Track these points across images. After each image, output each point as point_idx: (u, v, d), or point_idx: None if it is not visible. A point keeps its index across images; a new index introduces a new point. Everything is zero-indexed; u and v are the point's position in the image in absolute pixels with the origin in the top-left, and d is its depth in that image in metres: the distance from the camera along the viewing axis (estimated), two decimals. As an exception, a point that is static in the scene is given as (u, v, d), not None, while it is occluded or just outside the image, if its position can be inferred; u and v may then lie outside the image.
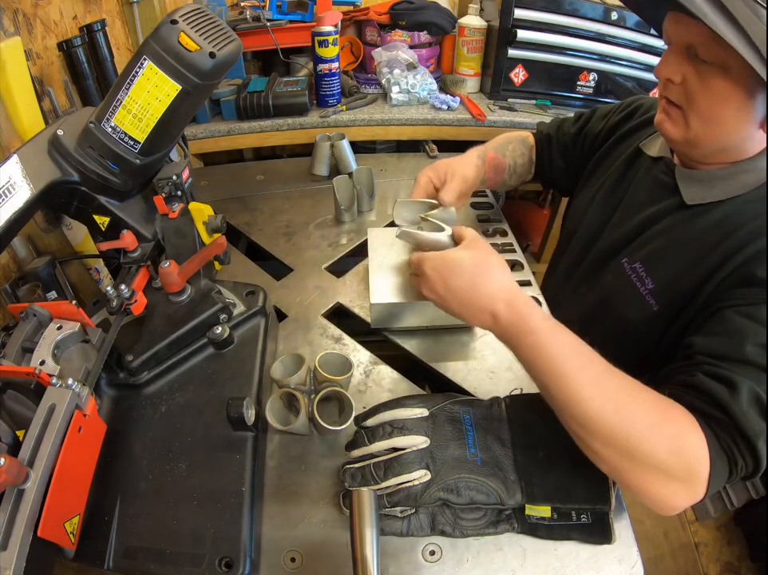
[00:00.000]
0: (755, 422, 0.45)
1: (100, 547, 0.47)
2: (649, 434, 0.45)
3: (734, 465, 0.46)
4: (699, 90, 0.54)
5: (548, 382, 0.48)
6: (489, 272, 0.53)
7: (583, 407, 0.45)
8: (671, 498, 0.45)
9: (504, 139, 0.91)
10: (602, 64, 1.30)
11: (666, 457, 0.44)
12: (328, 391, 0.55)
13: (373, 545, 0.43)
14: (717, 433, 0.46)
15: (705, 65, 0.52)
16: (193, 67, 0.51)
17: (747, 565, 1.32)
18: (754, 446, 0.45)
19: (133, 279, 0.59)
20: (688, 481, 0.45)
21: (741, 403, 0.46)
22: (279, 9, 1.26)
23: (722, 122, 0.54)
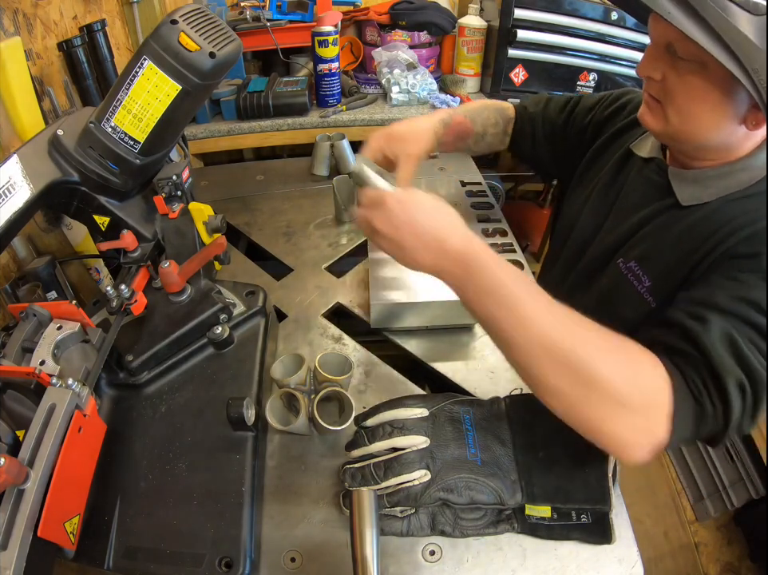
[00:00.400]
0: (725, 359, 0.45)
1: (100, 547, 0.47)
2: (603, 356, 0.44)
3: (700, 408, 0.45)
4: (677, 86, 0.55)
5: (497, 311, 0.46)
6: (447, 211, 0.53)
7: (535, 330, 0.44)
8: (629, 434, 0.44)
9: (481, 105, 0.91)
10: (602, 64, 1.30)
11: (621, 382, 0.43)
12: (328, 391, 0.55)
13: (373, 545, 0.43)
14: (683, 370, 0.46)
15: (683, 62, 0.53)
16: (193, 67, 0.51)
17: (747, 565, 1.32)
18: (723, 384, 0.44)
19: (133, 279, 0.59)
20: (646, 414, 0.44)
21: (712, 338, 0.46)
22: (279, 9, 1.26)
23: (699, 117, 0.55)
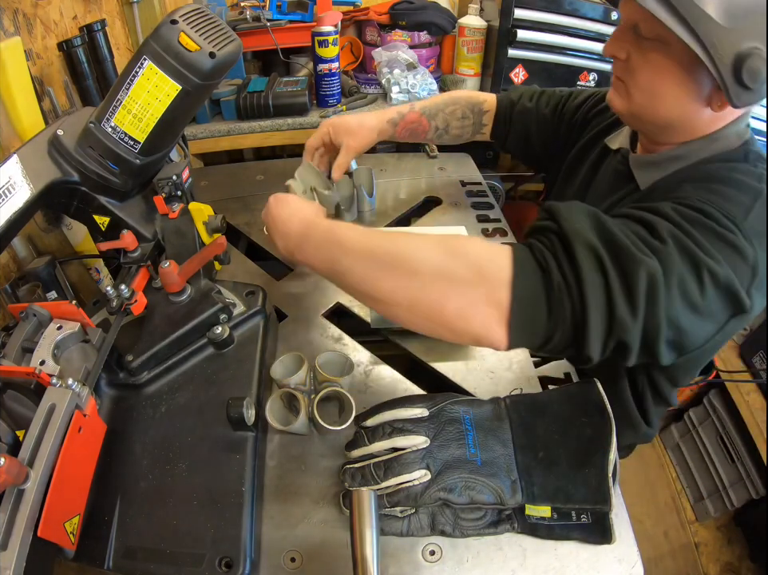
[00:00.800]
0: (575, 221, 0.44)
1: (100, 547, 0.47)
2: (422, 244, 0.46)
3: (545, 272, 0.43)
4: (640, 64, 0.56)
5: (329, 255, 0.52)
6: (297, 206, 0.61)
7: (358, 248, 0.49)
8: (471, 308, 0.44)
9: (448, 99, 0.93)
10: (602, 64, 1.30)
11: (444, 260, 0.44)
12: (328, 391, 0.55)
13: (373, 545, 0.43)
14: (531, 245, 0.46)
15: (647, 41, 0.54)
16: (193, 67, 0.51)
17: (747, 565, 1.32)
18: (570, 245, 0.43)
19: (133, 279, 0.59)
20: (482, 283, 0.43)
21: (569, 209, 0.46)
22: (279, 9, 1.26)
23: (662, 95, 0.56)
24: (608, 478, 0.48)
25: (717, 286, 0.45)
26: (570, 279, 0.43)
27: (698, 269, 0.44)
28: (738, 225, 0.47)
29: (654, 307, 0.43)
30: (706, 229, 0.46)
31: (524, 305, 0.43)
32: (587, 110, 0.83)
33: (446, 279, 0.44)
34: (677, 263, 0.44)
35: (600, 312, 0.43)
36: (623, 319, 0.43)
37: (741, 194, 0.50)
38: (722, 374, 1.28)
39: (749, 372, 1.25)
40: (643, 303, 0.42)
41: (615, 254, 0.43)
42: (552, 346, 0.46)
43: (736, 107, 0.51)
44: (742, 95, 0.49)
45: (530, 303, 0.43)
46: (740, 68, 0.47)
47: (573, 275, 0.43)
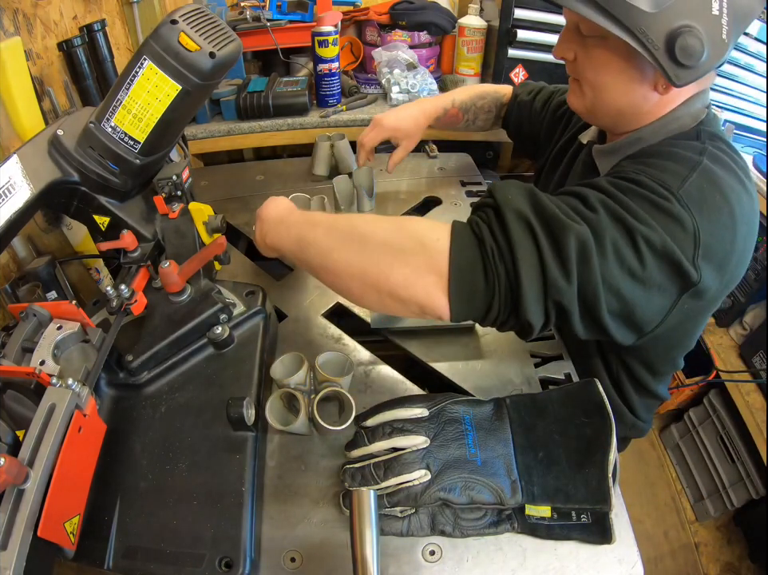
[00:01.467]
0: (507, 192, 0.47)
1: (100, 547, 0.47)
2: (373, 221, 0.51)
3: (480, 242, 0.46)
4: (585, 61, 0.58)
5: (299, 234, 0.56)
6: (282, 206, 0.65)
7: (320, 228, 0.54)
8: (414, 276, 0.47)
9: (480, 94, 0.98)
10: (602, 64, 1.30)
11: (387, 234, 0.49)
12: (328, 391, 0.55)
13: (373, 545, 0.43)
14: (469, 219, 0.49)
15: (588, 39, 0.57)
16: (193, 67, 0.51)
17: (747, 565, 1.32)
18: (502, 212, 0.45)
19: (133, 279, 0.59)
20: (423, 252, 0.47)
21: (506, 183, 0.49)
22: (279, 9, 1.26)
23: (608, 87, 0.58)
24: (608, 478, 0.48)
25: (654, 253, 0.45)
26: (502, 243, 0.45)
27: (632, 235, 0.45)
28: (674, 193, 0.48)
29: (587, 270, 0.44)
30: (640, 197, 0.47)
31: (461, 272, 0.45)
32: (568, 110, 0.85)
33: (391, 249, 0.48)
34: (608, 229, 0.45)
35: (533, 274, 0.45)
36: (556, 280, 0.44)
37: (677, 165, 0.51)
38: (722, 374, 1.28)
39: (749, 372, 1.25)
40: (575, 265, 0.44)
41: (545, 221, 0.45)
42: (494, 316, 0.48)
43: (678, 86, 0.51)
44: (681, 74, 0.50)
45: (467, 269, 0.45)
46: (673, 48, 0.48)
47: (504, 239, 0.45)
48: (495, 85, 1.02)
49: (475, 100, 0.98)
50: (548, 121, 0.90)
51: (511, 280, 0.45)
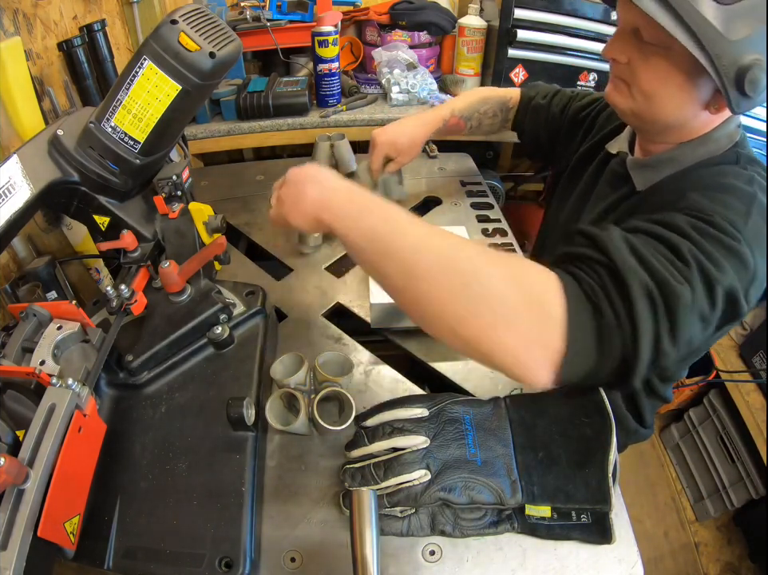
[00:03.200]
0: (627, 259, 0.43)
1: (100, 547, 0.47)
2: (482, 259, 0.43)
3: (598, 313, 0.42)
4: (642, 68, 0.57)
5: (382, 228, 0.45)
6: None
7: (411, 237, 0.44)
8: (522, 347, 0.41)
9: (482, 99, 0.96)
10: (602, 64, 1.30)
11: (503, 283, 0.41)
12: (328, 391, 0.55)
13: (373, 545, 0.43)
14: (579, 277, 0.44)
15: (648, 46, 0.55)
16: (193, 67, 0.51)
17: (747, 565, 1.32)
18: (625, 283, 0.42)
19: (133, 279, 0.59)
20: (536, 318, 0.41)
21: (614, 237, 0.45)
22: (279, 9, 1.26)
23: (663, 99, 0.57)
24: (608, 478, 0.48)
25: (725, 297, 0.46)
26: (623, 319, 0.42)
27: (713, 287, 0.45)
28: (741, 233, 0.48)
29: (682, 333, 0.44)
30: (717, 242, 0.47)
31: (574, 348, 0.41)
32: (594, 115, 0.84)
33: (501, 306, 0.41)
34: (698, 287, 0.44)
35: (649, 347, 0.43)
36: (667, 352, 0.43)
37: (738, 200, 0.51)
38: (722, 374, 1.28)
39: (749, 372, 1.25)
40: (682, 334, 0.43)
41: (662, 291, 0.43)
42: (595, 381, 0.46)
43: (735, 113, 0.52)
44: (742, 102, 0.50)
45: (582, 345, 0.42)
46: (742, 78, 0.48)
47: (627, 315, 0.42)
48: (497, 89, 1.00)
49: (477, 106, 0.96)
50: (568, 127, 0.89)
51: (627, 355, 0.43)
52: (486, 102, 0.96)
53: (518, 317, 0.41)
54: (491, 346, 0.42)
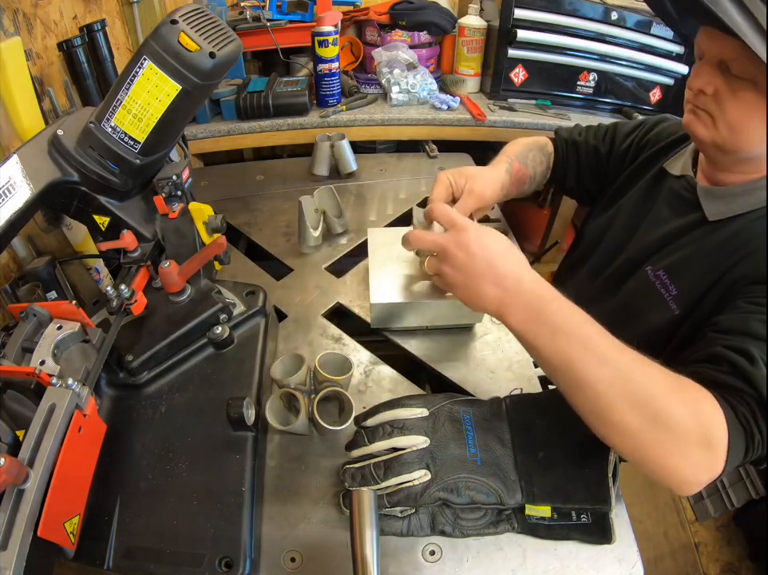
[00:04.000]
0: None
1: (100, 547, 0.47)
2: (669, 393, 0.45)
3: (750, 438, 0.46)
4: (729, 101, 0.57)
5: (571, 350, 0.46)
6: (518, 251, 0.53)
7: (610, 368, 0.45)
8: (692, 472, 0.45)
9: (524, 147, 0.89)
10: (602, 64, 1.30)
11: (686, 419, 0.44)
12: (328, 391, 0.55)
13: (373, 545, 0.43)
14: (733, 404, 0.47)
15: (737, 80, 0.55)
16: (193, 67, 0.51)
17: (747, 565, 1.32)
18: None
19: (133, 279, 0.59)
20: (708, 450, 0.44)
21: (761, 372, 0.47)
22: (279, 9, 1.26)
23: (750, 131, 0.57)
24: (608, 478, 0.48)
25: None
26: (766, 437, 0.47)
27: None
28: None
29: None
30: None
31: (729, 467, 0.46)
32: (640, 138, 0.83)
33: (681, 439, 0.44)
34: None
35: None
36: None
37: None
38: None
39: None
40: None
41: None
42: None
43: None
44: None
45: (733, 463, 0.46)
46: None
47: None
48: (529, 137, 0.92)
49: (525, 152, 0.87)
50: (614, 156, 0.85)
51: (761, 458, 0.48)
52: (529, 149, 0.88)
53: (693, 450, 0.44)
54: (664, 469, 0.45)
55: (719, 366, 0.50)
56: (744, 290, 0.57)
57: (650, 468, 0.46)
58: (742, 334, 0.51)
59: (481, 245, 0.51)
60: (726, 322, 0.55)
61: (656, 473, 0.46)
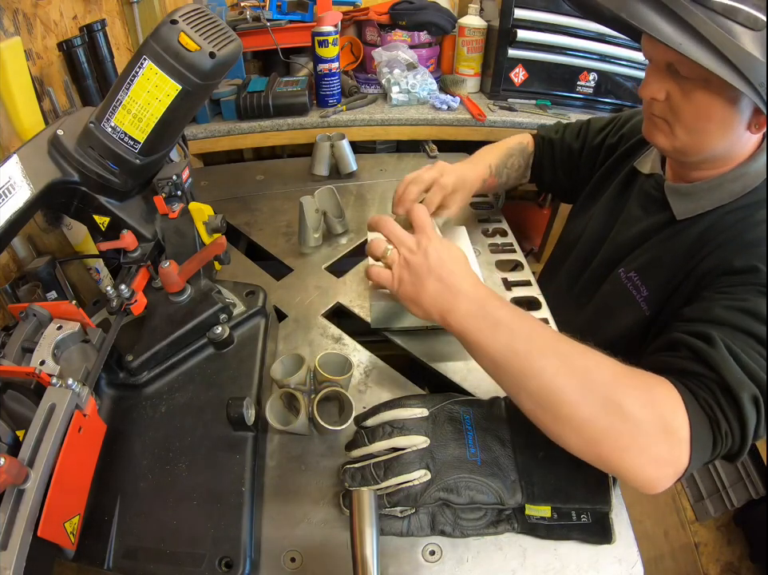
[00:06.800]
0: (736, 372, 0.45)
1: (100, 547, 0.47)
2: (618, 379, 0.44)
3: (716, 427, 0.44)
4: (683, 104, 0.56)
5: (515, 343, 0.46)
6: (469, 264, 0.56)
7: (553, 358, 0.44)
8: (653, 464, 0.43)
9: (507, 153, 0.90)
10: (602, 64, 1.30)
11: (638, 405, 0.42)
12: (328, 391, 0.55)
13: (373, 545, 0.43)
14: (693, 390, 0.45)
15: (686, 81, 0.54)
16: (193, 67, 0.51)
17: (747, 565, 1.32)
18: (737, 397, 0.44)
19: (133, 279, 0.59)
20: (667, 440, 0.43)
21: (721, 353, 0.46)
22: (279, 9, 1.26)
23: (708, 131, 0.56)
24: (608, 478, 0.49)
25: None
26: (734, 426, 0.45)
27: None
28: None
29: None
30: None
31: (695, 459, 0.44)
32: (613, 134, 0.83)
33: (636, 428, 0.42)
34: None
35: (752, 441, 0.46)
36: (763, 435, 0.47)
37: None
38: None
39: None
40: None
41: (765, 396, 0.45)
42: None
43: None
44: None
45: (701, 454, 0.44)
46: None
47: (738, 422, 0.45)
48: (515, 137, 0.93)
49: (505, 159, 0.89)
50: (587, 155, 0.86)
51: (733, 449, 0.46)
52: (512, 154, 0.91)
53: (652, 442, 0.43)
54: (623, 465, 0.43)
55: (678, 351, 0.49)
56: (711, 282, 0.56)
57: (609, 465, 0.44)
58: (704, 321, 0.50)
59: (437, 250, 0.53)
60: (690, 311, 0.54)
61: (616, 469, 0.44)
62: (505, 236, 0.92)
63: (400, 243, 0.56)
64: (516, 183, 0.94)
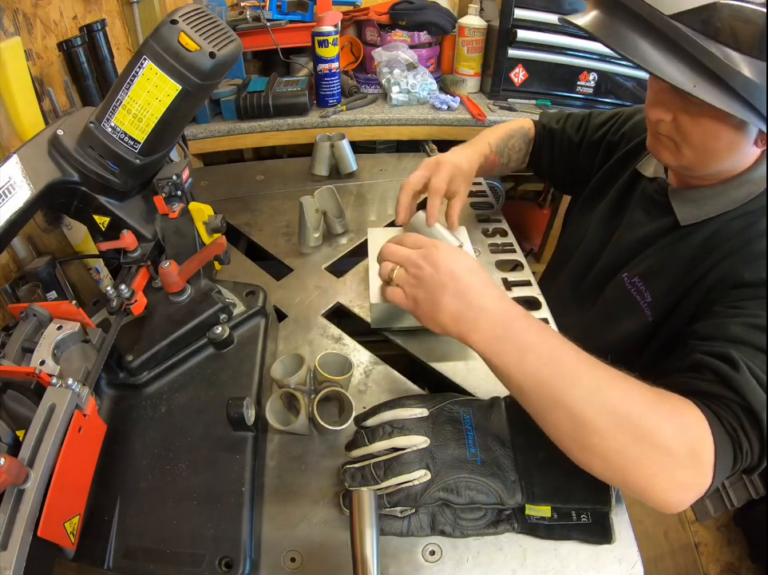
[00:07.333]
0: (760, 395, 0.45)
1: (100, 547, 0.47)
2: (650, 407, 0.43)
3: (738, 448, 0.44)
4: (691, 127, 0.56)
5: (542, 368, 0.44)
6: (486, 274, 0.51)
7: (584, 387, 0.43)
8: (679, 490, 0.43)
9: (507, 134, 0.91)
10: (602, 64, 1.30)
11: (669, 433, 0.42)
12: (328, 391, 0.55)
13: (373, 545, 0.43)
14: (718, 414, 0.45)
15: (694, 105, 0.53)
16: (193, 67, 0.51)
17: (747, 565, 1.32)
18: (759, 419, 0.44)
19: (133, 279, 0.59)
20: (694, 467, 0.43)
21: (745, 377, 0.46)
22: (279, 9, 1.26)
23: (715, 152, 0.56)
24: (608, 478, 0.48)
25: None
26: (755, 446, 0.45)
27: None
28: None
29: None
30: None
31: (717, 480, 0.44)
32: (616, 129, 0.82)
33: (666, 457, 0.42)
34: None
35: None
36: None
37: None
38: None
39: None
40: None
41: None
42: None
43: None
44: None
45: (722, 475, 0.44)
46: None
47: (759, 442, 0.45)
48: (517, 121, 0.94)
49: (506, 139, 0.90)
50: (585, 149, 0.86)
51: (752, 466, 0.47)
52: (512, 136, 0.91)
53: (680, 468, 0.43)
54: (649, 490, 0.43)
55: (701, 374, 0.49)
56: (722, 295, 0.56)
57: (634, 490, 0.44)
58: (722, 339, 0.50)
59: (446, 259, 0.49)
60: (705, 328, 0.53)
61: (641, 494, 0.44)
62: (505, 236, 0.92)
63: (404, 261, 0.52)
64: (516, 166, 0.94)
